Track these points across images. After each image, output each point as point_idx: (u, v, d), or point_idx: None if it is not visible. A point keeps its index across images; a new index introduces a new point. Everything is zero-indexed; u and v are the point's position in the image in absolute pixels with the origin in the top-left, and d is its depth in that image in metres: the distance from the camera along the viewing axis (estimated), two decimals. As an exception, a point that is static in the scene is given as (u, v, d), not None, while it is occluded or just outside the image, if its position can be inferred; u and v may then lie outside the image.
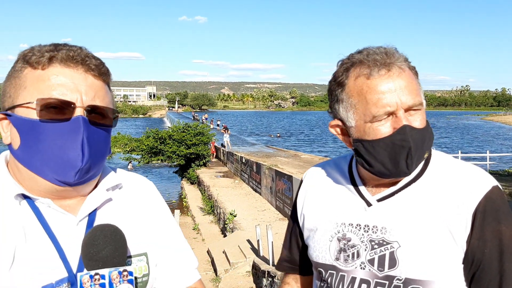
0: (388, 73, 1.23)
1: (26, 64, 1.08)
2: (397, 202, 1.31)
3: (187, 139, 29.78)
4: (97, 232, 1.05)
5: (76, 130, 1.05)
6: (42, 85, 1.06)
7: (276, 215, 15.59)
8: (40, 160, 1.05)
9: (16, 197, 1.09)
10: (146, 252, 1.22)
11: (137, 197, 1.30)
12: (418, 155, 1.26)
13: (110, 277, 1.01)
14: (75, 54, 1.08)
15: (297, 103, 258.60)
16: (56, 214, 1.11)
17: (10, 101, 1.09)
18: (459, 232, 1.23)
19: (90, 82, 1.10)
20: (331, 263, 1.39)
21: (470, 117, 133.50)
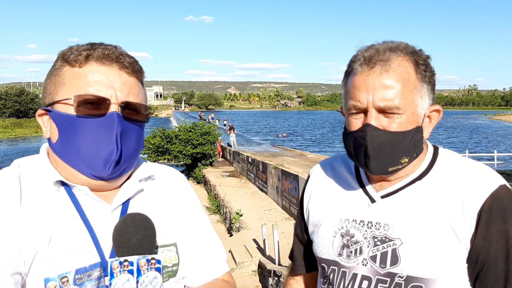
0: (369, 71, 1.24)
1: (64, 62, 1.14)
2: (401, 199, 1.31)
3: (194, 139, 29.83)
4: (128, 220, 1.10)
5: (110, 125, 1.10)
6: (79, 82, 1.11)
7: (282, 215, 15.58)
8: (76, 154, 1.11)
9: (55, 183, 1.14)
10: (175, 242, 1.26)
11: (168, 189, 1.34)
12: (381, 156, 1.25)
13: (138, 264, 1.06)
14: (110, 53, 1.14)
15: (304, 103, 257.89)
16: (92, 202, 1.16)
17: (50, 97, 1.15)
18: (462, 231, 1.22)
19: (124, 79, 1.15)
20: (333, 259, 1.39)
21: (477, 116, 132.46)
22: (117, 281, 1.04)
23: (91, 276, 1.09)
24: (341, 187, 1.46)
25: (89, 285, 1.09)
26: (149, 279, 1.07)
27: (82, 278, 1.08)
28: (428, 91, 1.29)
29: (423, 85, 1.27)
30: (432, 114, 1.32)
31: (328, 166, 1.56)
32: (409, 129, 1.25)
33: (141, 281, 1.06)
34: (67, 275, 1.06)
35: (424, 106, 1.28)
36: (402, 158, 1.27)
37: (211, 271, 1.35)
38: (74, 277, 1.06)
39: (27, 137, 65.10)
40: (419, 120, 1.27)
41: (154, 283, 1.08)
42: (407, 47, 1.28)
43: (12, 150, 48.26)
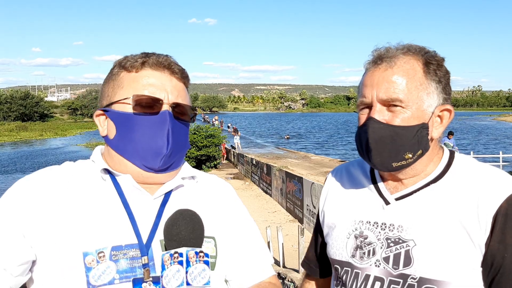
0: (375, 68, 1.29)
1: (122, 68, 1.29)
2: (415, 201, 1.31)
3: (198, 141, 29.87)
4: (178, 215, 1.20)
5: (163, 122, 1.24)
6: (136, 85, 1.26)
7: (287, 217, 15.57)
8: (132, 147, 1.24)
9: (102, 171, 1.27)
10: (214, 236, 1.31)
11: (211, 190, 1.42)
12: (382, 150, 1.27)
13: (188, 255, 1.14)
14: (163, 60, 1.28)
15: (307, 105, 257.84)
16: (135, 190, 1.27)
17: (108, 99, 1.29)
18: (477, 234, 1.21)
19: (174, 84, 1.29)
20: (346, 260, 1.39)
21: (482, 117, 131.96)
22: (167, 273, 1.13)
23: (126, 255, 1.17)
24: (356, 189, 1.47)
25: (124, 262, 1.16)
26: (198, 271, 1.15)
27: (117, 255, 1.16)
28: (438, 90, 1.29)
29: (430, 83, 1.28)
30: (443, 113, 1.32)
31: (344, 170, 1.58)
32: (413, 124, 1.26)
33: (190, 271, 1.13)
34: (104, 250, 1.15)
35: (432, 104, 1.28)
36: (406, 153, 1.27)
37: (257, 273, 1.39)
38: (110, 253, 1.15)
39: (31, 140, 65.40)
40: (425, 117, 1.28)
41: (203, 275, 1.15)
42: (420, 48, 1.30)
43: (16, 154, 48.48)
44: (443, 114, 1.32)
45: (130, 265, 1.17)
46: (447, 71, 1.32)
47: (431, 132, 1.30)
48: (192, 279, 1.13)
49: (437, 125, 1.32)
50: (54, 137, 66.16)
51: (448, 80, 1.32)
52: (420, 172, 1.33)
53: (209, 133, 30.95)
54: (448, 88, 1.32)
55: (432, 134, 1.31)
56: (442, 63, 1.31)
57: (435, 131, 1.32)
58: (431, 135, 1.31)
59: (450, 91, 1.33)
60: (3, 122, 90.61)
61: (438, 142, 1.36)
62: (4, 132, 74.98)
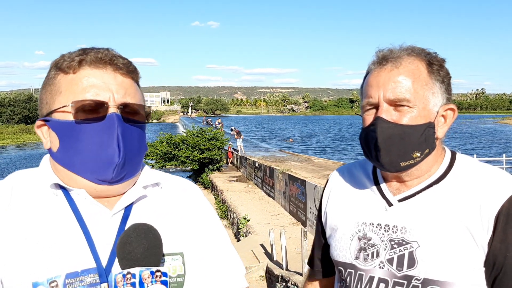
0: (380, 69, 1.30)
1: (58, 70, 1.13)
2: (418, 202, 1.31)
3: (201, 144, 29.91)
4: (131, 231, 1.06)
5: (110, 127, 1.08)
6: (75, 88, 1.10)
7: (290, 220, 15.56)
8: (78, 160, 1.09)
9: (52, 186, 1.13)
10: (182, 252, 1.19)
11: (177, 198, 1.29)
12: (391, 149, 1.27)
13: (141, 276, 1.01)
14: (103, 55, 1.13)
15: (310, 108, 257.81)
16: (91, 206, 1.13)
17: (47, 107, 1.14)
18: (480, 234, 1.21)
19: (120, 81, 1.14)
20: (350, 262, 1.39)
21: (485, 120, 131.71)
22: None
23: (84, 281, 1.04)
24: (359, 191, 1.47)
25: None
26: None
27: (73, 283, 1.03)
28: (442, 90, 1.30)
29: (435, 83, 1.29)
30: (447, 113, 1.33)
31: (346, 171, 1.58)
32: (420, 123, 1.27)
33: None
34: (57, 279, 1.02)
35: (437, 104, 1.30)
36: (414, 152, 1.28)
37: (226, 285, 1.26)
38: (64, 281, 1.02)
39: (35, 143, 65.56)
40: (431, 116, 1.29)
41: None
42: (422, 50, 1.32)
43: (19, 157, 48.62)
44: (447, 113, 1.33)
45: None
46: (448, 72, 1.34)
47: (436, 131, 1.31)
48: None
49: (441, 124, 1.33)
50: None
51: (450, 81, 1.34)
52: (425, 172, 1.34)
53: (212, 135, 31.00)
54: (450, 88, 1.34)
55: (437, 133, 1.31)
56: (444, 64, 1.33)
57: (440, 130, 1.33)
58: (437, 134, 1.31)
59: (451, 91, 1.35)
60: (7, 125, 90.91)
61: (442, 142, 1.37)
62: (7, 135, 75.38)
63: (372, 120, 1.31)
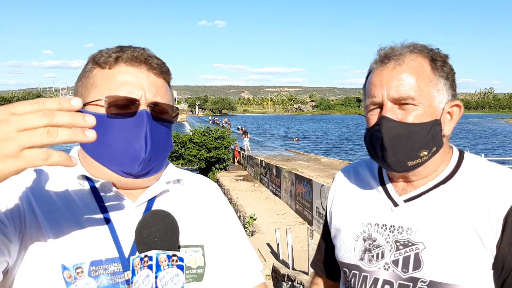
0: (383, 67, 1.28)
1: (95, 64, 1.18)
2: (424, 203, 1.29)
3: (208, 143, 29.97)
4: (149, 216, 1.09)
5: (140, 123, 1.13)
6: (110, 84, 1.14)
7: (296, 219, 15.54)
8: (107, 152, 1.13)
9: (79, 177, 1.18)
10: (202, 244, 1.23)
11: (198, 193, 1.34)
12: (398, 148, 1.25)
13: (158, 259, 1.03)
14: (139, 54, 1.17)
15: (317, 107, 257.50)
16: (115, 197, 1.18)
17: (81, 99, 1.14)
18: (488, 236, 1.18)
19: (153, 80, 1.18)
20: (355, 263, 1.37)
21: (494, 120, 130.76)
22: (137, 278, 1.03)
23: (107, 270, 1.09)
24: (364, 191, 1.45)
25: (105, 278, 1.08)
26: (169, 276, 1.03)
27: (97, 270, 1.08)
28: (446, 87, 1.28)
29: (439, 79, 1.27)
30: (453, 109, 1.31)
31: (352, 171, 1.56)
32: (426, 121, 1.25)
33: (160, 276, 1.02)
34: (82, 265, 1.07)
35: (442, 100, 1.28)
36: (421, 151, 1.26)
37: (245, 280, 1.30)
38: (89, 268, 1.07)
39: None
40: (437, 114, 1.27)
41: (176, 281, 1.04)
42: (425, 46, 1.30)
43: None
44: (452, 110, 1.31)
45: (111, 281, 1.08)
46: (452, 68, 1.31)
47: (443, 128, 1.29)
48: (162, 285, 1.02)
49: (448, 121, 1.31)
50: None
51: (454, 77, 1.32)
52: (432, 172, 1.31)
53: (219, 135, 31.06)
54: (455, 84, 1.32)
55: (444, 131, 1.29)
56: (447, 60, 1.31)
57: (447, 127, 1.31)
58: (443, 131, 1.29)
59: (456, 88, 1.33)
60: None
61: (448, 140, 1.35)
62: (16, 134, 75.82)
63: (376, 120, 1.28)
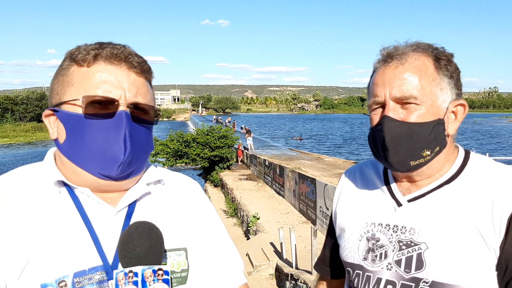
0: (386, 66, 1.28)
1: (72, 62, 1.12)
2: (428, 203, 1.29)
3: (211, 142, 29.99)
4: (133, 229, 1.05)
5: (119, 125, 1.08)
6: (87, 82, 1.09)
7: (300, 218, 15.54)
8: (84, 154, 1.09)
9: (56, 183, 1.12)
10: (186, 247, 1.20)
11: (179, 194, 1.30)
12: (399, 148, 1.24)
13: (144, 275, 1.01)
14: (119, 52, 1.12)
15: (321, 106, 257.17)
16: (95, 204, 1.13)
17: (57, 98, 1.13)
18: (491, 237, 1.17)
19: (133, 79, 1.13)
20: (358, 263, 1.37)
21: (498, 119, 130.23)
22: None
23: (92, 279, 1.04)
24: (369, 190, 1.45)
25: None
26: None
27: (81, 281, 1.03)
28: (451, 86, 1.27)
29: (443, 78, 1.26)
30: (457, 109, 1.30)
31: (358, 170, 1.56)
32: (429, 120, 1.24)
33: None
34: (65, 279, 1.02)
35: (446, 99, 1.26)
36: (423, 150, 1.25)
37: (226, 281, 1.28)
38: (73, 280, 1.02)
39: (47, 141, 66.18)
40: (440, 113, 1.26)
41: None
42: (429, 45, 1.29)
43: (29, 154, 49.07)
44: (457, 109, 1.30)
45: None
46: (457, 67, 1.30)
47: (447, 128, 1.28)
48: None
49: (452, 121, 1.30)
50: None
51: (459, 76, 1.30)
52: (436, 172, 1.30)
53: (222, 134, 31.07)
54: (460, 83, 1.30)
55: (448, 130, 1.28)
56: (452, 59, 1.29)
57: (451, 127, 1.29)
58: (447, 131, 1.28)
59: (461, 87, 1.31)
60: (19, 122, 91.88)
61: (453, 140, 1.34)
62: (20, 133, 76.20)
63: (379, 119, 1.28)
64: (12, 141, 67.01)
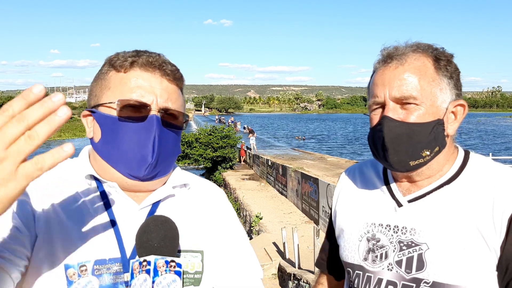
0: (385, 66, 1.28)
1: (111, 67, 1.20)
2: (428, 203, 1.29)
3: (214, 142, 30.00)
4: (150, 221, 1.11)
5: (149, 128, 1.15)
6: (123, 87, 1.17)
7: (302, 218, 15.53)
8: (116, 154, 1.16)
9: (87, 177, 1.21)
10: (202, 250, 1.24)
11: (203, 199, 1.35)
12: (399, 148, 1.25)
13: (156, 264, 1.05)
14: (154, 60, 1.19)
15: (323, 106, 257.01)
16: (121, 199, 1.20)
17: (95, 100, 1.21)
18: (492, 237, 1.17)
19: (165, 86, 1.20)
20: (359, 263, 1.37)
21: (502, 118, 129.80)
22: (135, 282, 1.05)
23: (110, 269, 1.11)
24: (368, 190, 1.45)
25: (108, 278, 1.11)
26: (167, 281, 1.06)
27: (100, 269, 1.10)
28: (450, 86, 1.28)
29: (442, 79, 1.26)
30: (457, 109, 1.30)
31: (357, 170, 1.56)
32: (429, 121, 1.24)
33: (157, 281, 1.05)
34: (86, 264, 1.09)
35: (446, 100, 1.27)
36: (423, 151, 1.25)
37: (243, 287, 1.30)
38: (93, 267, 1.09)
39: (50, 141, 66.32)
40: (439, 113, 1.26)
41: (173, 286, 1.06)
42: (429, 45, 1.29)
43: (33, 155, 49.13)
44: (456, 109, 1.30)
45: (113, 281, 1.11)
46: (457, 67, 1.31)
47: (446, 128, 1.28)
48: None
49: (451, 121, 1.30)
50: (73, 138, 67.03)
51: (459, 76, 1.31)
52: (436, 172, 1.31)
53: (225, 134, 31.08)
54: (459, 84, 1.31)
55: (447, 131, 1.29)
56: (451, 59, 1.30)
57: (450, 127, 1.30)
58: (447, 131, 1.29)
59: (461, 87, 1.32)
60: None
61: (453, 140, 1.34)
62: (23, 133, 76.24)
63: (378, 119, 1.29)
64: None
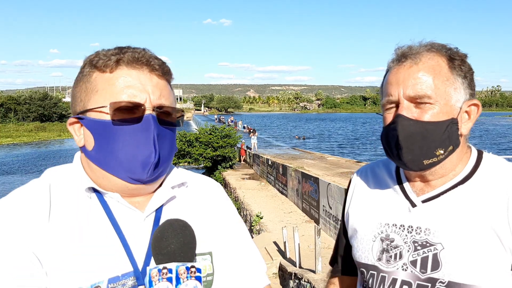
0: (400, 65, 1.28)
1: (93, 68, 1.12)
2: (442, 203, 1.28)
3: (214, 141, 30.02)
4: (167, 226, 1.07)
5: (147, 128, 1.09)
6: (112, 88, 1.09)
7: (303, 217, 15.54)
8: (114, 160, 1.09)
9: (87, 190, 1.13)
10: (211, 251, 1.21)
11: (202, 196, 1.31)
12: (413, 147, 1.24)
13: (178, 271, 1.02)
14: (140, 56, 1.12)
15: (323, 105, 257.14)
16: (124, 209, 1.14)
17: (81, 105, 1.13)
18: (507, 237, 1.18)
19: (156, 82, 1.14)
20: (373, 263, 1.36)
21: (502, 118, 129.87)
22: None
23: (125, 285, 1.06)
24: (382, 191, 1.45)
25: None
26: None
27: (116, 287, 1.05)
28: (464, 86, 1.27)
29: (456, 78, 1.26)
30: (471, 108, 1.30)
31: (369, 170, 1.55)
32: (443, 120, 1.24)
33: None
34: (100, 284, 1.03)
35: (460, 99, 1.27)
36: (437, 149, 1.25)
37: (250, 283, 1.29)
38: (107, 286, 1.04)
39: (50, 141, 66.38)
40: (453, 112, 1.26)
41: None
42: (443, 45, 1.29)
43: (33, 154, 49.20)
44: (470, 109, 1.30)
45: None
46: (471, 67, 1.30)
47: (460, 127, 1.28)
48: None
49: (465, 120, 1.30)
50: (72, 138, 66.87)
51: (472, 76, 1.31)
52: (449, 171, 1.31)
53: (225, 133, 31.10)
54: (473, 84, 1.31)
55: (461, 130, 1.28)
56: (465, 59, 1.30)
57: (464, 126, 1.29)
58: (461, 130, 1.28)
59: (474, 87, 1.32)
60: (22, 122, 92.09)
61: (466, 140, 1.34)
62: (23, 133, 76.44)
63: (392, 118, 1.28)
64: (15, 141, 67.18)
